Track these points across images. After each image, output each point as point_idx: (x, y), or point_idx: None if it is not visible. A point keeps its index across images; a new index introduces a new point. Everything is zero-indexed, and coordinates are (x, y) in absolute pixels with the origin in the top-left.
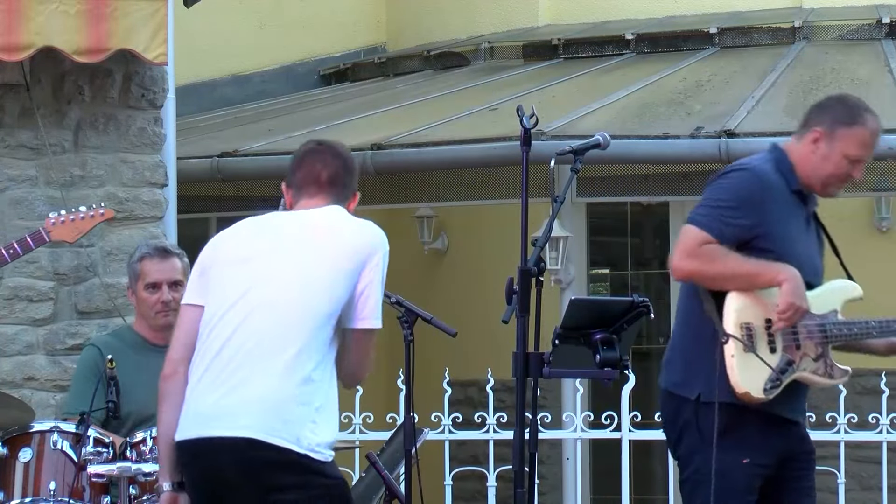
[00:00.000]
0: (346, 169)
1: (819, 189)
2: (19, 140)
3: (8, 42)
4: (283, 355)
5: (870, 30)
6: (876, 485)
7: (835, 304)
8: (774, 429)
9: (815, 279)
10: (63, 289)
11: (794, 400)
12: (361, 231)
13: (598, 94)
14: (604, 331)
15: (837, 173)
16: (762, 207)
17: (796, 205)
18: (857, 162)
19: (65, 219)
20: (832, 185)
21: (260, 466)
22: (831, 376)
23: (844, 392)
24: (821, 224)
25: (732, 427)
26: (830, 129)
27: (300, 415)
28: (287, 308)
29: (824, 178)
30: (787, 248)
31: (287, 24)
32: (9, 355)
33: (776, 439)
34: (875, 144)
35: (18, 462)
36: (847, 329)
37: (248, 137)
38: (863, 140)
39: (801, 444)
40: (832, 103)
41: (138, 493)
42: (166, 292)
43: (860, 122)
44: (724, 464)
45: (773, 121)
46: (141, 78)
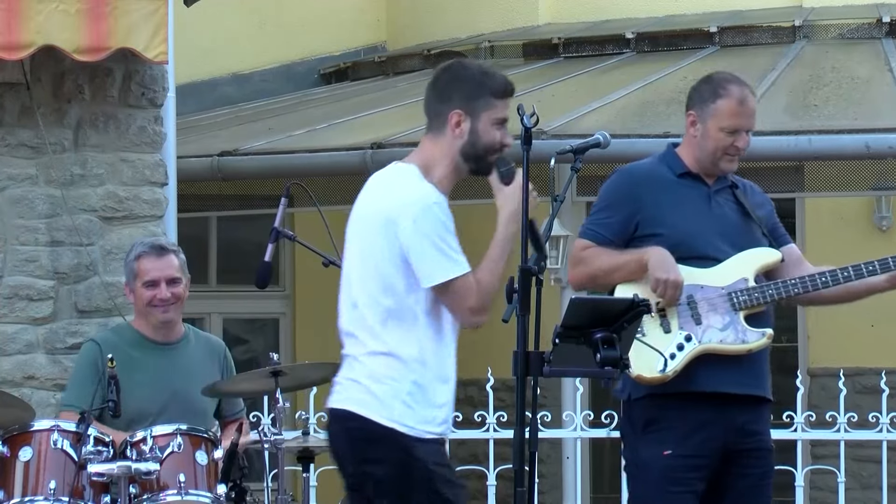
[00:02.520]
0: (433, 91)
1: (711, 166)
2: (19, 139)
3: (8, 41)
4: (371, 332)
5: (870, 29)
6: (876, 484)
7: (744, 272)
8: (706, 417)
9: (720, 250)
10: (63, 288)
11: (723, 372)
12: (388, 195)
13: (599, 93)
14: (604, 330)
15: (721, 147)
16: (635, 199)
17: (689, 187)
18: (735, 132)
19: None
20: (722, 160)
21: (354, 437)
22: (744, 341)
23: (844, 391)
24: (739, 199)
25: (655, 420)
26: (700, 109)
27: (386, 389)
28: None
29: (711, 154)
30: (676, 226)
31: (287, 23)
32: (9, 354)
33: (710, 429)
34: (747, 110)
35: (19, 461)
36: (759, 293)
37: (248, 136)
38: (731, 110)
39: (745, 439)
40: (697, 85)
41: (138, 493)
42: (164, 289)
43: (724, 95)
44: (646, 456)
45: (773, 120)
46: (141, 77)
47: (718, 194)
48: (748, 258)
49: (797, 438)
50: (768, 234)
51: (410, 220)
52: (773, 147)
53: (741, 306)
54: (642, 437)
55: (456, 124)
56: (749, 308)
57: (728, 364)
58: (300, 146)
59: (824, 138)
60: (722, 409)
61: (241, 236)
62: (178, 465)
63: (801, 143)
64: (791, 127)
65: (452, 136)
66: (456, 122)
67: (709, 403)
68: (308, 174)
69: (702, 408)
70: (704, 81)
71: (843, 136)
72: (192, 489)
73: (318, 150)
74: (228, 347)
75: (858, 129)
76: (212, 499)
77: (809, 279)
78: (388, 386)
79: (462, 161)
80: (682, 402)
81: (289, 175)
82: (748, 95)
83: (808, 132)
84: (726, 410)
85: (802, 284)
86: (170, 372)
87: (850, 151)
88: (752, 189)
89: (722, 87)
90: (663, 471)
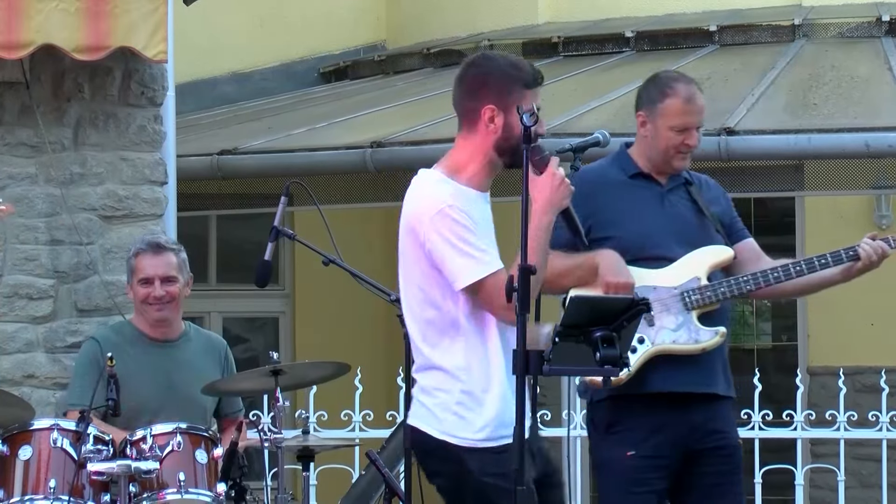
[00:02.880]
0: (461, 88)
1: (664, 164)
2: (19, 138)
3: (8, 40)
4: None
5: (870, 27)
6: (876, 482)
7: (696, 271)
8: (665, 418)
9: (673, 250)
10: (63, 287)
11: (678, 372)
12: (408, 205)
13: (598, 91)
14: (604, 328)
15: (672, 146)
16: (587, 203)
17: (641, 187)
18: (684, 130)
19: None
20: (674, 158)
21: (417, 452)
22: (697, 341)
23: (844, 390)
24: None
25: (618, 421)
26: (649, 109)
27: (437, 402)
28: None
29: (662, 153)
30: (629, 228)
31: (287, 21)
32: (9, 353)
33: (670, 430)
34: (695, 107)
35: (18, 460)
36: (711, 292)
37: (248, 135)
38: (679, 109)
39: (706, 438)
40: (644, 85)
41: (138, 491)
42: (158, 287)
43: (671, 94)
44: (609, 456)
45: (772, 119)
46: (141, 76)
47: (672, 193)
48: (700, 257)
49: (797, 437)
50: (724, 230)
51: (428, 228)
52: (773, 146)
53: (693, 305)
54: (605, 438)
55: (490, 120)
56: (701, 307)
57: (683, 364)
58: (300, 145)
59: (824, 137)
60: (680, 409)
61: (241, 235)
62: (178, 463)
63: (800, 141)
64: (791, 126)
65: (486, 132)
66: (489, 117)
67: (667, 404)
68: (308, 173)
69: (660, 409)
70: (651, 81)
71: (843, 135)
72: (191, 488)
73: (317, 148)
74: (228, 346)
75: (858, 127)
76: (212, 497)
77: (762, 275)
78: (438, 399)
79: (496, 156)
80: (641, 403)
81: (288, 174)
82: (695, 93)
83: (807, 131)
84: (684, 410)
85: (755, 281)
86: (170, 369)
87: (849, 150)
88: (708, 184)
89: (668, 86)
90: (626, 471)
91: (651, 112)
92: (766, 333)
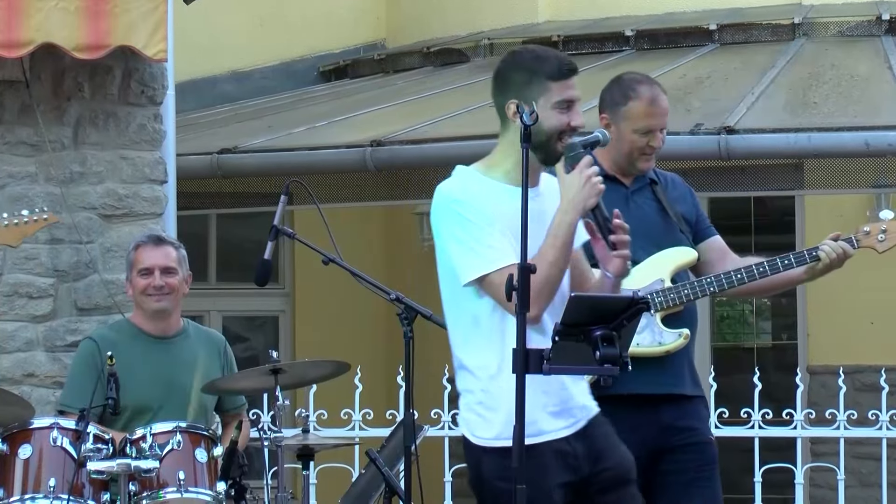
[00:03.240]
0: (493, 84)
1: (628, 166)
2: (19, 137)
3: (8, 39)
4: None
5: (869, 26)
6: (875, 481)
7: (660, 273)
8: (635, 419)
9: (638, 252)
10: (63, 285)
11: (644, 374)
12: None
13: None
14: (604, 327)
15: (637, 147)
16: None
17: (607, 189)
18: (648, 132)
19: (8, 222)
20: (638, 160)
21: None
22: (661, 343)
23: (844, 389)
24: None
25: None
26: (612, 112)
27: (464, 402)
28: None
29: (627, 155)
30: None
31: (287, 20)
32: (8, 352)
33: (641, 431)
34: (658, 110)
35: (18, 458)
36: (674, 294)
37: (248, 134)
38: (642, 112)
39: (676, 436)
40: (609, 87)
41: (138, 490)
42: (158, 277)
43: (634, 97)
44: None
45: (772, 117)
46: (141, 74)
47: (637, 194)
48: (664, 259)
49: (797, 436)
50: (690, 228)
51: (435, 224)
52: (773, 144)
53: (657, 308)
54: None
55: (514, 114)
56: (665, 309)
57: (649, 366)
58: (300, 144)
59: (824, 136)
60: (648, 410)
61: (241, 234)
62: (178, 462)
63: (800, 140)
64: (790, 124)
65: (514, 127)
66: (513, 111)
67: (635, 406)
68: (308, 172)
69: (630, 410)
70: (614, 83)
71: (843, 134)
72: (191, 487)
73: (317, 147)
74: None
75: (858, 126)
76: (212, 496)
77: (725, 277)
78: (465, 399)
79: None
80: (609, 404)
81: (288, 173)
82: (659, 94)
83: (807, 130)
84: (653, 411)
85: (718, 283)
86: (169, 365)
87: (849, 149)
88: (674, 182)
89: (632, 88)
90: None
91: (615, 114)
92: (765, 332)
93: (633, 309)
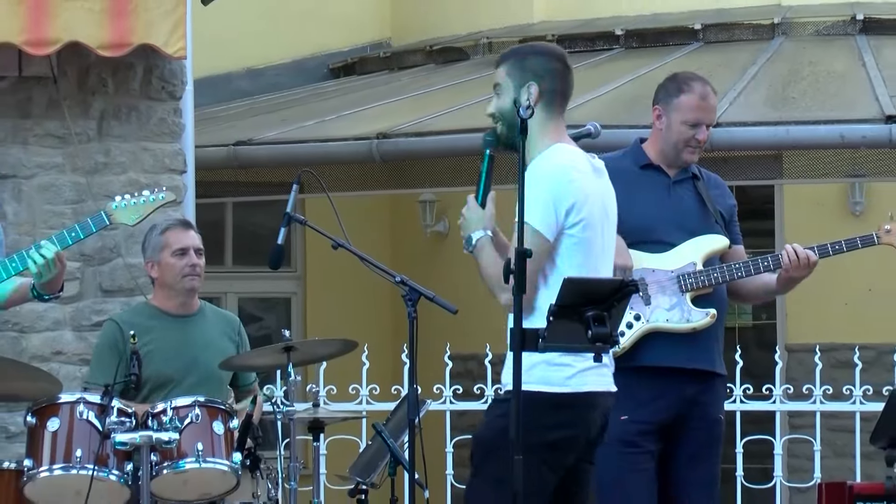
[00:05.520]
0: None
1: (675, 157)
2: (47, 129)
3: (36, 37)
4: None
5: (845, 26)
6: (849, 452)
7: (693, 257)
8: (659, 389)
9: (674, 237)
10: (88, 269)
11: (673, 348)
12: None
13: (590, 86)
14: (595, 308)
15: (683, 139)
16: None
17: (650, 177)
18: (696, 125)
19: (128, 203)
20: (684, 151)
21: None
22: (688, 320)
23: (820, 365)
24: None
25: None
26: (665, 104)
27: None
28: None
29: (673, 145)
30: (634, 213)
31: (298, 20)
32: (38, 331)
33: (662, 400)
34: (707, 105)
35: (47, 431)
36: (704, 277)
37: (262, 127)
38: (692, 105)
39: (693, 410)
40: (664, 82)
41: (159, 460)
42: (194, 256)
43: (686, 91)
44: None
45: (753, 112)
46: (161, 71)
47: (679, 185)
48: (698, 244)
49: (776, 410)
50: (724, 225)
51: None
52: (754, 137)
53: (688, 288)
54: None
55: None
56: (695, 290)
57: (678, 341)
58: (311, 136)
59: (802, 129)
60: (673, 382)
61: (256, 221)
62: (197, 434)
63: (779, 133)
64: (770, 118)
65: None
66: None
67: (661, 376)
68: (318, 162)
69: (655, 380)
70: (670, 79)
71: (820, 127)
72: (209, 457)
73: (327, 139)
74: (243, 324)
75: (834, 119)
76: (228, 466)
77: (752, 263)
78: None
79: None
80: (637, 375)
81: (300, 163)
82: (709, 92)
83: (786, 123)
84: (677, 383)
85: (745, 268)
86: (188, 342)
87: (825, 141)
88: (717, 182)
89: (686, 83)
90: (619, 434)
91: (667, 106)
92: (746, 312)
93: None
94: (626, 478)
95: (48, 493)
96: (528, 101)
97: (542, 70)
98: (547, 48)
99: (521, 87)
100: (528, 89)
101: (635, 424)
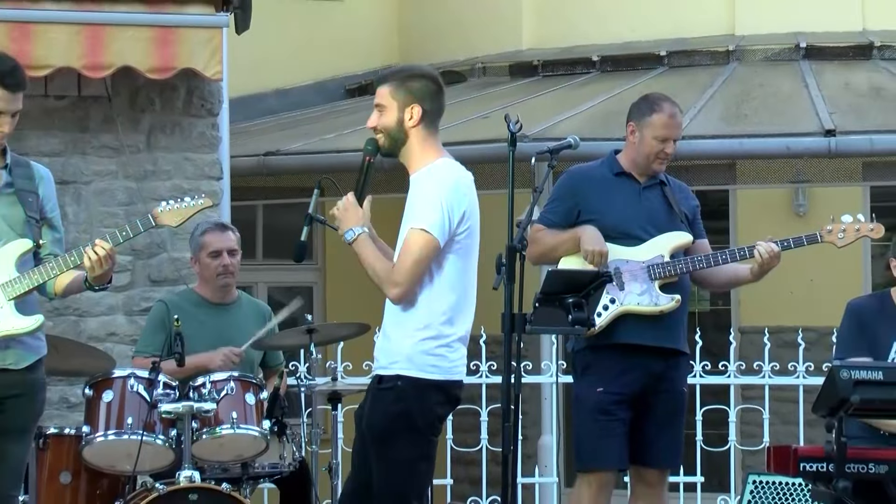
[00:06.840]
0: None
1: (646, 167)
2: (102, 142)
3: (93, 62)
4: None
5: (790, 53)
6: (794, 420)
7: (661, 250)
8: (629, 363)
9: (645, 233)
10: (138, 262)
11: (642, 328)
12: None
13: (570, 104)
14: (575, 296)
15: (654, 152)
16: (577, 193)
17: (623, 183)
18: (665, 140)
19: (171, 207)
20: (654, 162)
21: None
22: (656, 304)
23: (768, 345)
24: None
25: (591, 365)
26: (638, 121)
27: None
28: None
29: (645, 157)
30: (610, 213)
31: (319, 48)
32: (95, 315)
33: (632, 373)
34: (675, 123)
35: (102, 402)
36: (670, 267)
37: (288, 140)
38: (663, 123)
39: (660, 384)
40: (637, 102)
41: (199, 427)
42: (226, 258)
43: (658, 111)
44: (582, 393)
45: (711, 126)
46: (201, 91)
47: (649, 190)
48: (665, 240)
49: (730, 384)
50: (688, 225)
51: None
52: (711, 148)
53: (657, 277)
54: (581, 378)
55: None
56: (663, 278)
57: (648, 322)
58: (330, 147)
59: (753, 141)
60: (643, 358)
61: (283, 220)
62: (232, 404)
63: (733, 145)
64: (726, 132)
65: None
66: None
67: (632, 353)
68: (336, 170)
69: (626, 356)
70: (643, 99)
71: (768, 140)
72: (242, 424)
73: (344, 150)
74: (272, 310)
75: (780, 133)
76: (259, 432)
77: (712, 256)
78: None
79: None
80: (611, 351)
81: (320, 171)
82: (677, 112)
83: (739, 136)
84: (646, 359)
85: (706, 260)
86: (226, 327)
87: (773, 152)
88: (681, 187)
89: (657, 104)
90: (595, 404)
91: (640, 123)
92: (704, 299)
93: (598, 281)
94: (601, 442)
95: (103, 455)
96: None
97: (422, 93)
98: (424, 71)
99: (405, 107)
100: (410, 110)
101: (609, 395)
